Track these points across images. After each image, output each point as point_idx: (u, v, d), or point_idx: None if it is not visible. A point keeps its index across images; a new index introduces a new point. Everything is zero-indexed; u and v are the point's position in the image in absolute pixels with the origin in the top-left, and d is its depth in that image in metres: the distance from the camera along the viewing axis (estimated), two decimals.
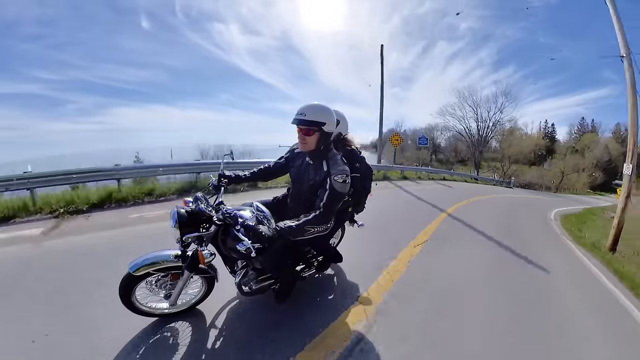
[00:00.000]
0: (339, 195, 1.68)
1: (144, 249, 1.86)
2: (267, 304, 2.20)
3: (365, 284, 2.65)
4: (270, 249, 1.68)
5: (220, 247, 1.85)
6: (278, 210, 2.09)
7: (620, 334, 2.56)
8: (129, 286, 1.73)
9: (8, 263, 2.78)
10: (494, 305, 2.64)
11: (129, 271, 1.69)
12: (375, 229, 3.95)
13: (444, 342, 2.07)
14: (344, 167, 1.72)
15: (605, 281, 3.78)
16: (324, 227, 1.75)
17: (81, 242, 3.32)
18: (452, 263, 3.47)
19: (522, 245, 4.61)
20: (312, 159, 1.82)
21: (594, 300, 3.24)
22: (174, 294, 1.84)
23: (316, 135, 1.69)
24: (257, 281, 1.96)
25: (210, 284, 2.02)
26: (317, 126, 1.66)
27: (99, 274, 2.50)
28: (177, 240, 1.67)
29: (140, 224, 4.05)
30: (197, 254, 1.66)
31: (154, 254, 1.75)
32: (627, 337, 2.55)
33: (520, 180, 31.17)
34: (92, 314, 2.04)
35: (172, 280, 1.85)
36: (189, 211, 1.72)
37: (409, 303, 2.46)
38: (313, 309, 2.24)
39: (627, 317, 2.90)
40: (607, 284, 3.68)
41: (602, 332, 2.51)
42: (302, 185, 1.89)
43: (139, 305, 1.84)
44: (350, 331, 2.03)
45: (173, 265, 1.75)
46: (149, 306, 1.90)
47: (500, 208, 8.58)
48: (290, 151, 2.11)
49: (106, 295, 2.11)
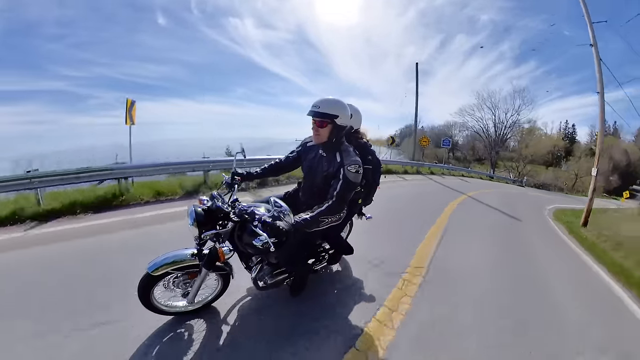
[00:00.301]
0: (352, 185, 1.75)
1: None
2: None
3: (430, 223, 5.82)
4: (287, 243, 1.76)
5: (237, 243, 1.88)
6: (291, 205, 2.11)
7: (556, 247, 5.62)
8: (148, 286, 1.75)
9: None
10: (491, 234, 5.77)
11: (148, 271, 1.71)
12: (428, 198, 7.17)
13: (470, 231, 5.23)
14: (356, 158, 1.79)
15: (557, 230, 6.83)
16: (337, 216, 1.82)
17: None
18: (470, 217, 6.62)
19: (514, 214, 7.68)
20: (325, 151, 1.87)
21: (546, 235, 6.31)
22: (192, 292, 1.87)
23: (329, 127, 1.75)
24: (272, 275, 2.03)
25: (225, 281, 2.05)
26: (330, 118, 1.72)
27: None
28: (195, 238, 1.70)
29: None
30: (216, 251, 1.71)
31: (171, 253, 1.78)
32: (560, 248, 5.62)
33: (535, 180, 33.08)
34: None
35: (189, 278, 1.88)
36: (206, 209, 1.74)
37: (457, 229, 5.61)
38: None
39: (565, 244, 5.92)
40: (558, 231, 6.74)
41: (545, 246, 5.61)
42: (315, 177, 1.94)
43: (158, 304, 1.86)
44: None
45: (190, 263, 1.79)
46: (168, 305, 1.92)
47: (506, 196, 11.56)
48: (302, 145, 2.12)
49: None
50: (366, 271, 2.95)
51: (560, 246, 5.60)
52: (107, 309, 2.09)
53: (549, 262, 4.38)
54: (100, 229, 3.68)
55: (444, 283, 2.97)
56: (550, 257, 4.74)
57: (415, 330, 2.20)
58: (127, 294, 2.00)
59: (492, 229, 5.85)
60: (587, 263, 4.64)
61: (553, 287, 3.39)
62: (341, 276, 2.84)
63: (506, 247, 4.83)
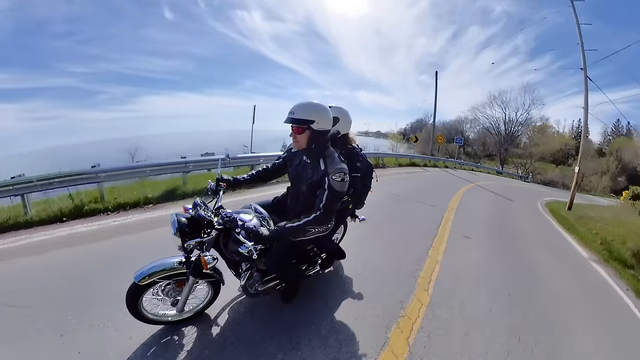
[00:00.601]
0: (338, 194, 1.70)
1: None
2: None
3: (453, 194, 8.51)
4: (273, 250, 1.78)
5: (223, 251, 1.87)
6: (279, 210, 2.13)
7: (536, 217, 8.18)
8: (136, 295, 1.73)
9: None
10: (489, 207, 8.39)
11: (134, 281, 1.68)
12: (448, 182, 10.00)
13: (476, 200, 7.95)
14: (341, 166, 1.74)
15: (542, 211, 9.45)
16: (325, 227, 1.79)
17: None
18: (476, 198, 9.25)
19: (511, 198, 10.30)
20: (308, 157, 1.84)
21: (531, 211, 8.91)
22: (181, 300, 1.85)
23: (306, 133, 1.71)
24: (263, 282, 2.03)
25: (216, 288, 2.03)
26: (306, 124, 1.67)
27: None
28: (179, 248, 1.68)
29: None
30: (200, 259, 1.68)
31: (158, 262, 1.76)
32: (539, 217, 8.17)
33: (543, 177, 34.90)
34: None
35: (177, 287, 1.85)
36: (189, 218, 1.71)
37: (470, 197, 8.23)
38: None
39: (543, 216, 8.49)
40: (542, 211, 9.36)
41: (527, 214, 8.23)
42: (300, 184, 1.91)
43: (147, 314, 1.84)
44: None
45: (178, 272, 1.76)
46: (157, 314, 1.91)
47: (509, 187, 14.14)
48: (287, 151, 2.09)
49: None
50: (430, 207, 6.02)
51: (539, 217, 8.25)
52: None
53: (528, 221, 7.11)
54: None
55: (465, 212, 6.43)
56: (530, 220, 7.43)
57: (459, 221, 5.15)
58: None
59: (492, 201, 8.83)
60: (554, 225, 7.32)
61: (525, 227, 6.21)
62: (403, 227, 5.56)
63: (499, 209, 7.94)
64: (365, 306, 2.48)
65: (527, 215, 8.10)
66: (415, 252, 3.71)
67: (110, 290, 2.27)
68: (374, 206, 4.83)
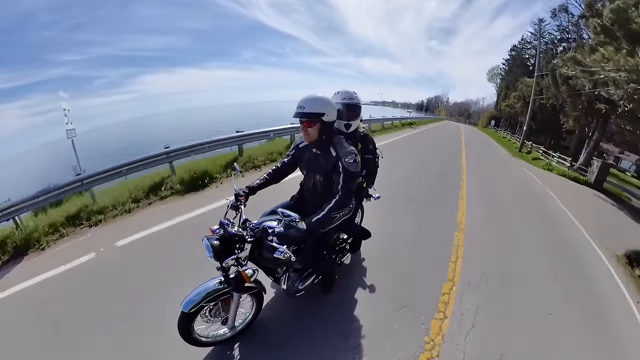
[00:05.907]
0: (353, 174, 1.80)
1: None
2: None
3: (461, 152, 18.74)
4: (306, 247, 1.87)
5: (258, 260, 1.91)
6: (299, 208, 2.17)
7: (488, 148, 18.65)
8: (187, 324, 1.79)
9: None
10: (479, 145, 19.00)
11: (183, 310, 1.73)
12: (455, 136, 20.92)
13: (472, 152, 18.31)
14: (350, 148, 1.83)
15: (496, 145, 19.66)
16: (347, 209, 1.89)
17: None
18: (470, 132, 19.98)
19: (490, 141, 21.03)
20: (318, 148, 1.91)
21: (486, 142, 20.02)
22: (230, 317, 1.93)
23: (317, 126, 1.78)
24: (301, 280, 2.15)
25: (259, 298, 2.09)
26: (317, 117, 1.74)
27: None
28: (217, 268, 1.72)
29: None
30: (241, 275, 1.74)
31: (200, 287, 1.81)
32: (492, 150, 18.43)
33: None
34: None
35: (224, 306, 1.91)
36: (220, 238, 1.74)
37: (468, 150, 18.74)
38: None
39: (496, 149, 18.92)
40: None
41: (483, 144, 19.07)
42: (315, 176, 1.98)
43: (201, 338, 1.92)
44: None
45: (221, 292, 1.81)
46: (211, 336, 1.99)
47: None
48: (294, 148, 2.14)
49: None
50: (442, 142, 16.44)
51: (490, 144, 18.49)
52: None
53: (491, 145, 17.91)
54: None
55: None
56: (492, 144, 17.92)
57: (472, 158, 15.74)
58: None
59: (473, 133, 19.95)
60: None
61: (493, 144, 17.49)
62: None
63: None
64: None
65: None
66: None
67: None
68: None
